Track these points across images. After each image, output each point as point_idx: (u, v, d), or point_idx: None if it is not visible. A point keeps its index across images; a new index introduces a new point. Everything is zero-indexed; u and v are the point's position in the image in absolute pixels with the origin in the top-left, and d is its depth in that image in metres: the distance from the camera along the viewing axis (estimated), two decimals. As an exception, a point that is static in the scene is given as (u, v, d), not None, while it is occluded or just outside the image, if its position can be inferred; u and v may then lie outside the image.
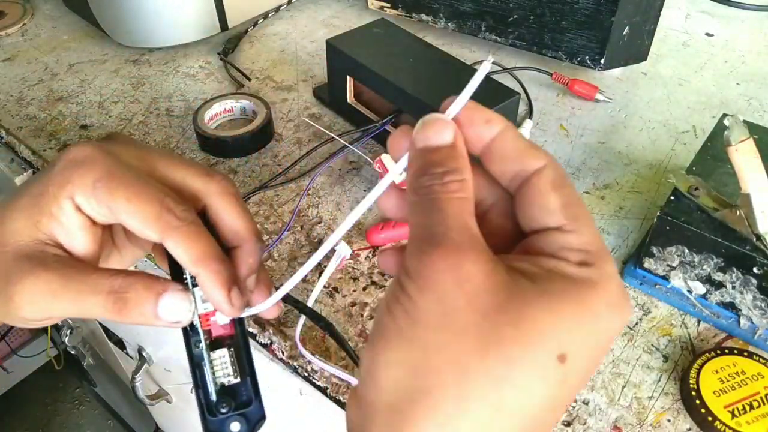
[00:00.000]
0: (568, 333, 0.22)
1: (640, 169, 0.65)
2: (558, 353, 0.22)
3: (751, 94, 0.76)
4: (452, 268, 0.22)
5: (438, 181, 0.25)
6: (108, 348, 1.04)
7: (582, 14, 0.70)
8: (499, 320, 0.21)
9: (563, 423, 0.44)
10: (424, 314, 0.22)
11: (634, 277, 0.53)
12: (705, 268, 0.49)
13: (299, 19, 0.90)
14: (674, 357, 0.48)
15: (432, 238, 0.23)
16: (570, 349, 0.22)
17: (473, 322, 0.21)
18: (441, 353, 0.22)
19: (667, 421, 0.44)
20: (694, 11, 0.92)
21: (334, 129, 0.69)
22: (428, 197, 0.24)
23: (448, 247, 0.22)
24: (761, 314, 0.47)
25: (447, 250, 0.22)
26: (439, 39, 0.83)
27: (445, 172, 0.25)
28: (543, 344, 0.21)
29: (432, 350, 0.22)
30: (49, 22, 0.90)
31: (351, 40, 0.68)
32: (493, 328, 0.21)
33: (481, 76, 0.26)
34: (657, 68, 0.80)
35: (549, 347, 0.22)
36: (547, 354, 0.21)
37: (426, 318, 0.22)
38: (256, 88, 0.76)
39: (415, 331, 0.22)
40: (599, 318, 0.22)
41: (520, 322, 0.21)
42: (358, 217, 0.28)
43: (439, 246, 0.22)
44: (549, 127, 0.71)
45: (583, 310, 0.22)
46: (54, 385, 1.66)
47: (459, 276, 0.22)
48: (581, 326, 0.22)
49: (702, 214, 0.48)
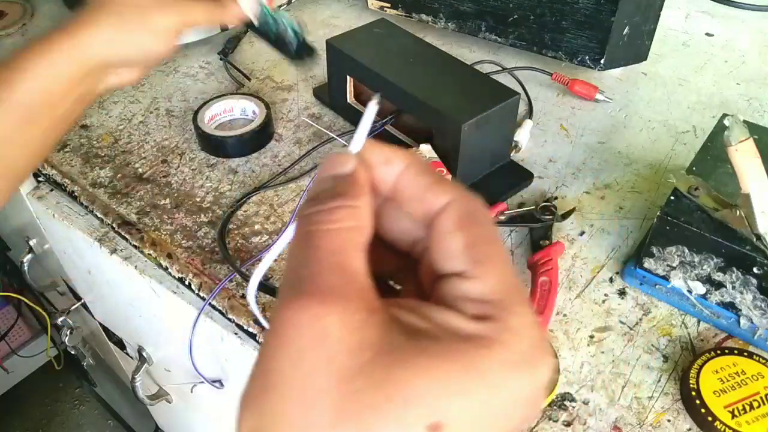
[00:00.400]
0: (446, 399, 0.19)
1: (640, 169, 0.65)
2: (430, 422, 0.19)
3: (751, 94, 0.76)
4: (312, 322, 0.19)
5: (322, 207, 0.22)
6: (108, 348, 1.04)
7: (582, 14, 0.70)
8: (361, 384, 0.19)
9: (563, 423, 0.44)
10: (278, 378, 0.19)
11: (634, 277, 0.53)
12: (705, 268, 0.49)
13: (299, 19, 0.90)
14: (674, 357, 0.48)
15: (296, 284, 0.20)
16: (447, 417, 0.19)
17: (330, 387, 0.19)
18: (292, 427, 0.19)
19: (667, 421, 0.44)
20: (694, 11, 0.92)
21: (334, 129, 0.69)
22: (307, 229, 0.22)
23: (311, 296, 0.20)
24: (761, 314, 0.47)
25: (310, 300, 0.19)
26: (439, 39, 0.83)
27: (334, 197, 0.22)
28: (409, 411, 0.18)
29: (283, 423, 0.19)
30: (49, 22, 0.90)
31: (351, 40, 0.68)
32: (353, 394, 0.18)
33: (371, 113, 0.24)
34: (657, 68, 0.80)
35: (417, 415, 0.18)
36: (415, 423, 0.18)
37: (280, 383, 0.19)
38: (256, 88, 0.76)
39: (267, 398, 0.19)
40: (491, 380, 0.19)
41: (385, 386, 0.19)
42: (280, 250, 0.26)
43: (302, 294, 0.20)
44: (549, 127, 0.71)
45: (468, 372, 0.19)
46: (54, 385, 1.66)
47: (320, 331, 0.19)
48: (464, 390, 0.19)
49: (702, 214, 0.48)
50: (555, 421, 0.44)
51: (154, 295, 0.60)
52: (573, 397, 0.46)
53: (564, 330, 0.50)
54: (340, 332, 0.19)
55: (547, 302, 0.48)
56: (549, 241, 0.55)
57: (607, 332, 0.50)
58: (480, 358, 0.19)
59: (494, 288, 0.21)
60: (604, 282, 0.54)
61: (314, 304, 0.19)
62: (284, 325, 0.19)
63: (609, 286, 0.53)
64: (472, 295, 0.21)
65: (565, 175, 0.64)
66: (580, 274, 0.54)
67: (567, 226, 0.59)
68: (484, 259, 0.21)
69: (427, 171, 0.24)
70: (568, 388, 0.46)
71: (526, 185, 0.63)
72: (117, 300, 0.77)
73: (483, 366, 0.19)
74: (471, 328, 0.20)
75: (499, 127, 0.60)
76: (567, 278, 0.54)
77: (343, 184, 0.23)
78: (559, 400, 0.45)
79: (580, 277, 0.54)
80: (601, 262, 0.55)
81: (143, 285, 0.60)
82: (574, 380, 0.47)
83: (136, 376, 0.83)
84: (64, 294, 1.02)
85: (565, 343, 0.49)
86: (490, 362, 0.19)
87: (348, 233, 0.21)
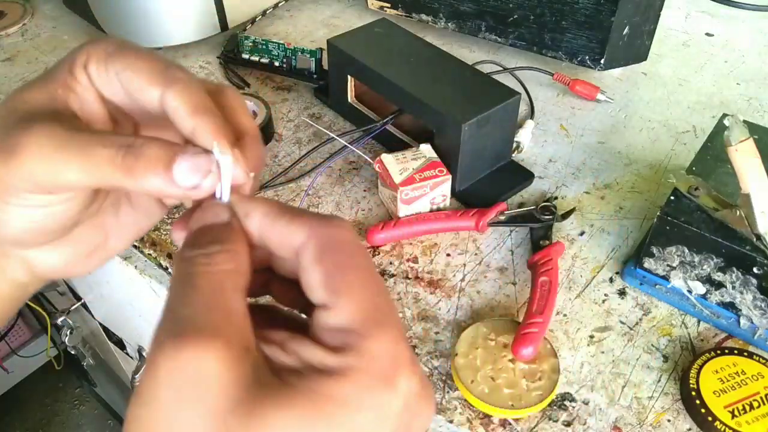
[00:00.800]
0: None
1: (640, 169, 0.65)
2: None
3: (751, 94, 0.76)
4: (191, 361, 0.20)
5: (203, 251, 0.23)
6: (108, 348, 1.04)
7: (582, 14, 0.70)
8: (232, 423, 0.19)
9: (563, 423, 0.44)
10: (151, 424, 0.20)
11: (634, 277, 0.53)
12: (705, 268, 0.49)
13: (299, 19, 0.90)
14: (674, 357, 0.48)
15: (175, 324, 0.21)
16: None
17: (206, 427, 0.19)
18: None
19: (667, 421, 0.44)
20: (694, 11, 0.92)
21: (334, 129, 0.69)
22: (186, 271, 0.22)
23: (190, 336, 0.20)
24: (761, 314, 0.47)
25: (189, 339, 0.20)
26: (439, 39, 0.83)
27: (212, 242, 0.23)
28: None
29: None
30: (49, 22, 0.90)
31: (352, 39, 0.68)
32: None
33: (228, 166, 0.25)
34: (657, 68, 0.80)
35: None
36: None
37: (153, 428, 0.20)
38: (256, 88, 0.76)
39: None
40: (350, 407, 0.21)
41: (251, 424, 0.19)
42: None
43: (181, 334, 0.20)
44: (549, 127, 0.71)
45: (327, 403, 0.20)
46: (54, 385, 1.66)
47: (199, 371, 0.20)
48: (326, 423, 0.20)
49: (702, 214, 0.48)
50: (555, 421, 0.44)
51: (154, 295, 0.60)
52: (573, 397, 0.46)
53: (564, 330, 0.50)
54: (217, 371, 0.20)
55: (547, 302, 0.48)
56: (549, 241, 0.55)
57: (607, 332, 0.50)
58: (338, 389, 0.20)
59: (352, 316, 0.22)
60: (604, 282, 0.54)
61: (194, 343, 0.20)
62: (162, 365, 0.20)
63: (609, 286, 0.53)
64: (331, 325, 0.22)
65: (565, 175, 0.64)
66: (580, 274, 0.54)
67: (567, 226, 0.59)
68: (342, 288, 0.22)
69: (282, 213, 0.25)
70: (568, 388, 0.46)
71: (526, 185, 0.63)
72: (117, 300, 0.77)
73: (341, 395, 0.20)
74: (329, 361, 0.21)
75: (500, 127, 0.60)
76: (567, 278, 0.54)
77: (221, 231, 0.24)
78: (559, 400, 0.45)
79: (580, 277, 0.54)
80: (601, 262, 0.55)
81: (143, 285, 0.60)
82: (574, 380, 0.47)
83: (136, 376, 0.83)
84: (64, 294, 1.02)
85: (565, 343, 0.49)
86: (348, 390, 0.21)
87: (227, 275, 0.22)
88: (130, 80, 0.27)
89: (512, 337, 0.47)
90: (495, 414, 0.44)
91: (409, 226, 0.56)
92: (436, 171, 0.57)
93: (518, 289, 0.53)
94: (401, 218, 0.57)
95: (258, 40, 0.76)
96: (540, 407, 0.44)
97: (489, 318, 0.50)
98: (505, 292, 0.53)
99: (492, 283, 0.54)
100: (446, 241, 0.57)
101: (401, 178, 0.56)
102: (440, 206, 0.59)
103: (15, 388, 1.58)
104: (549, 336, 0.49)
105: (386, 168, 0.57)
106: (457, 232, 0.58)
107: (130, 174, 0.25)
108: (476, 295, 0.53)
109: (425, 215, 0.57)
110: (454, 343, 0.48)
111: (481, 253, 0.56)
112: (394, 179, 0.56)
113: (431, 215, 0.57)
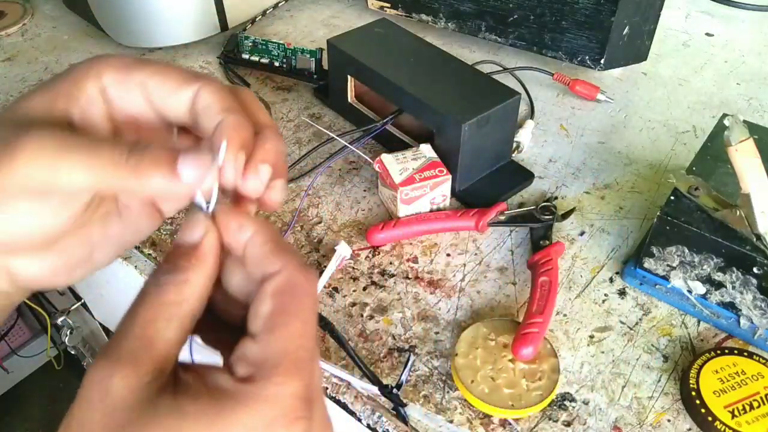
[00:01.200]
0: None
1: (640, 169, 0.65)
2: None
3: (751, 94, 0.76)
4: (101, 380, 0.22)
5: (152, 280, 0.25)
6: (108, 348, 1.03)
7: (582, 14, 0.70)
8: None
9: (563, 423, 0.44)
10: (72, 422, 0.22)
11: (634, 277, 0.53)
12: (705, 268, 0.49)
13: (299, 19, 0.90)
14: (674, 357, 0.48)
15: (106, 347, 0.23)
16: None
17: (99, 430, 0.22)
18: None
19: (667, 421, 0.44)
20: (694, 11, 0.92)
21: (334, 129, 0.69)
22: (139, 296, 0.25)
23: (108, 359, 0.23)
24: (761, 314, 0.47)
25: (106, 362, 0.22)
26: (439, 39, 0.83)
27: (167, 271, 0.25)
28: None
29: None
30: (49, 22, 0.90)
31: (352, 39, 0.68)
32: None
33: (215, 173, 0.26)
34: (657, 68, 0.80)
35: None
36: None
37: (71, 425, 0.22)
38: (256, 88, 0.76)
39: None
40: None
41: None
42: None
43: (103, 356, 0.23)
44: (549, 127, 0.71)
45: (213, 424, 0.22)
46: (54, 385, 1.66)
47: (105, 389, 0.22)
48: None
49: (702, 214, 0.48)
50: (555, 421, 0.44)
51: (155, 295, 0.60)
52: (573, 397, 0.46)
53: (564, 330, 0.50)
54: (121, 391, 0.22)
55: (547, 302, 0.48)
56: (549, 241, 0.55)
57: (607, 332, 0.50)
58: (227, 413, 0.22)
59: (270, 355, 0.23)
60: (604, 282, 0.54)
61: (108, 365, 0.22)
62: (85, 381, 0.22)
63: (609, 286, 0.53)
64: (248, 356, 0.23)
65: (565, 175, 0.64)
66: (580, 274, 0.54)
67: (567, 226, 0.59)
68: (277, 328, 0.24)
69: (272, 239, 0.26)
70: (568, 388, 0.46)
71: (526, 185, 0.63)
72: (117, 300, 0.77)
73: (227, 420, 0.22)
74: (229, 386, 0.23)
75: (500, 127, 0.60)
76: (567, 278, 0.54)
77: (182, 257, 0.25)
78: (559, 400, 0.45)
79: (580, 277, 0.54)
80: (601, 262, 0.55)
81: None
82: (574, 380, 0.47)
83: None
84: (64, 294, 1.02)
85: (565, 343, 0.49)
86: (236, 419, 0.22)
87: (165, 308, 0.24)
88: (162, 83, 0.28)
89: (512, 337, 0.47)
90: (495, 414, 0.44)
91: (409, 226, 0.56)
92: (436, 171, 0.57)
93: (518, 289, 0.53)
94: (401, 218, 0.57)
95: (258, 40, 0.76)
96: (540, 407, 0.44)
97: (489, 318, 0.50)
98: (505, 292, 0.53)
99: (492, 283, 0.54)
100: (446, 241, 0.57)
101: (401, 178, 0.56)
102: (440, 206, 0.59)
103: (15, 388, 1.58)
104: (549, 336, 0.49)
105: (386, 168, 0.57)
106: (457, 232, 0.58)
107: (136, 174, 0.25)
108: (476, 295, 0.53)
109: (425, 215, 0.57)
110: (454, 343, 0.48)
111: (481, 253, 0.56)
112: (394, 179, 0.56)
113: (431, 215, 0.57)
